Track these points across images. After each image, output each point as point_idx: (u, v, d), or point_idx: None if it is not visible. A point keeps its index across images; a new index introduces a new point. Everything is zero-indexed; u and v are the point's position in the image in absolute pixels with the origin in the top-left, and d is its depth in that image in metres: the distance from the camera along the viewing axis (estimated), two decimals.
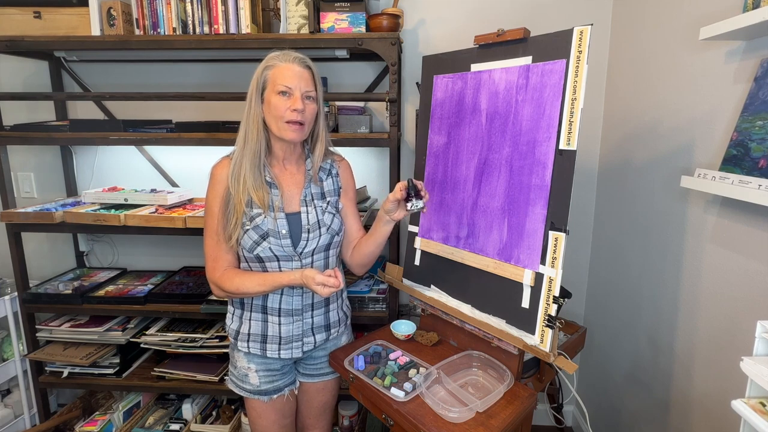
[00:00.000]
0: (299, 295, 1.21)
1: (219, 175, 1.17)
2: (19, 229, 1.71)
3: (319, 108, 1.17)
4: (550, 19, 1.77)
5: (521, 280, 1.15)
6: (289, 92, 1.09)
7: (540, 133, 1.12)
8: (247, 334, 1.23)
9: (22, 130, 1.69)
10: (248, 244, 1.14)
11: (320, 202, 1.22)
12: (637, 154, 1.56)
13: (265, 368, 1.25)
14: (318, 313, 1.26)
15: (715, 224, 1.18)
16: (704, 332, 1.22)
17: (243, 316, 1.24)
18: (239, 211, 1.13)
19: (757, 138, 0.96)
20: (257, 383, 1.25)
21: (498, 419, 1.05)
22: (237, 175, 1.13)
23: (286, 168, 1.21)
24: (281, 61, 1.11)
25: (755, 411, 0.71)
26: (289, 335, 1.22)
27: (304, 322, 1.23)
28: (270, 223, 1.15)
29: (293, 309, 1.22)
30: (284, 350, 1.22)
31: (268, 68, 1.11)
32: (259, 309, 1.22)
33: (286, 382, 1.29)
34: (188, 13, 1.57)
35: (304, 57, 1.13)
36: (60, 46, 1.61)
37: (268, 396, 1.26)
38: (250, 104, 1.12)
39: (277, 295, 1.20)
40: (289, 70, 1.09)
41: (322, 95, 1.17)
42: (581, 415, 1.95)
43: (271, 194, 1.16)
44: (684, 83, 1.31)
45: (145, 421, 1.85)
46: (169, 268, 2.08)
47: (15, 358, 1.85)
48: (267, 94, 1.11)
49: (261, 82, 1.11)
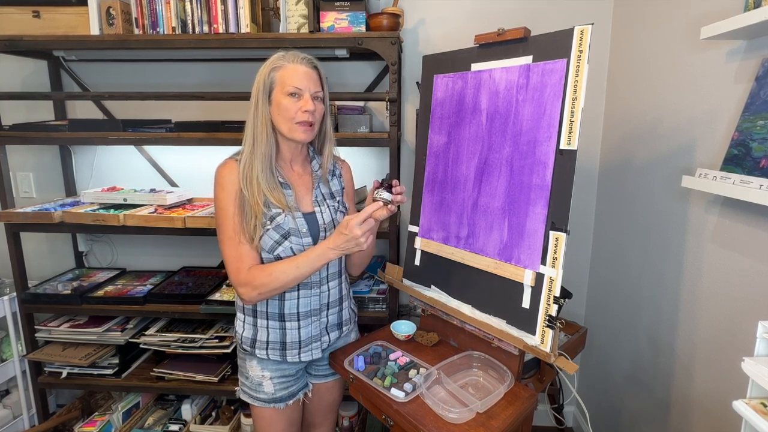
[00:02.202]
0: (317, 295, 1.21)
1: (228, 176, 1.11)
2: (18, 229, 1.71)
3: (326, 108, 1.17)
4: (550, 18, 1.77)
5: (522, 281, 1.14)
6: (298, 93, 1.08)
7: (540, 133, 1.12)
8: (265, 342, 1.20)
9: (21, 130, 1.69)
10: (269, 244, 1.12)
11: (331, 202, 1.23)
12: (638, 153, 1.56)
13: (279, 374, 1.23)
14: (333, 311, 1.27)
15: (715, 224, 1.18)
16: (705, 332, 1.22)
17: (257, 323, 1.20)
18: (258, 212, 1.10)
19: (759, 138, 0.96)
20: (272, 391, 1.23)
21: (498, 420, 1.05)
22: (249, 179, 1.10)
23: (293, 169, 1.21)
24: (289, 62, 1.10)
25: (756, 411, 0.71)
26: (308, 337, 1.22)
27: (321, 322, 1.24)
28: (291, 222, 1.14)
29: (311, 310, 1.21)
30: (304, 353, 1.22)
31: (275, 69, 1.09)
32: (276, 317, 1.19)
33: (300, 386, 1.28)
34: (188, 13, 1.57)
35: (310, 57, 1.13)
36: (59, 46, 1.61)
37: (283, 402, 1.24)
38: (257, 106, 1.10)
39: (294, 300, 1.19)
40: (298, 71, 1.09)
41: (327, 95, 1.17)
42: (582, 416, 1.95)
43: (284, 194, 1.15)
44: (685, 83, 1.31)
45: (144, 422, 1.85)
46: (169, 268, 2.08)
47: (14, 358, 1.84)
48: (275, 96, 1.09)
49: (268, 83, 1.09)
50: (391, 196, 1.09)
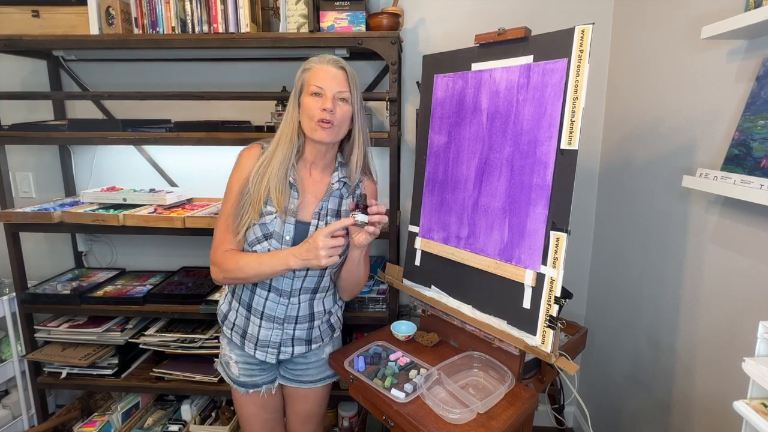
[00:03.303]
0: (284, 305, 1.19)
1: (246, 160, 1.16)
2: (18, 229, 1.70)
3: (354, 110, 1.14)
4: (550, 18, 1.77)
5: (522, 281, 1.14)
6: (321, 92, 1.09)
7: (541, 133, 1.12)
8: (232, 323, 1.24)
9: (20, 130, 1.68)
10: (251, 238, 1.14)
11: (333, 219, 1.19)
12: (639, 153, 1.56)
13: (244, 361, 1.25)
14: (301, 327, 1.22)
15: (716, 224, 1.18)
16: (705, 333, 1.22)
17: (232, 304, 1.25)
18: (256, 209, 1.11)
19: (759, 138, 0.96)
20: (237, 374, 1.26)
21: (499, 420, 1.05)
22: (262, 174, 1.12)
23: (311, 174, 1.19)
24: (317, 63, 1.12)
25: (757, 412, 0.71)
26: (266, 340, 1.21)
27: (284, 332, 1.21)
28: (277, 226, 1.14)
29: (275, 316, 1.20)
30: (259, 351, 1.22)
31: (305, 71, 1.12)
32: (246, 306, 1.22)
33: (265, 380, 1.27)
34: (187, 12, 1.57)
35: (338, 59, 1.13)
36: (58, 45, 1.60)
37: (245, 389, 1.26)
38: (290, 107, 1.14)
39: (263, 299, 1.19)
40: (323, 71, 1.10)
41: (359, 98, 1.14)
42: (582, 416, 1.95)
43: (290, 196, 1.14)
44: (685, 83, 1.30)
45: (144, 422, 1.85)
46: (168, 268, 2.07)
47: (13, 358, 1.84)
48: (303, 97, 1.11)
49: (299, 85, 1.13)
50: (368, 217, 1.07)
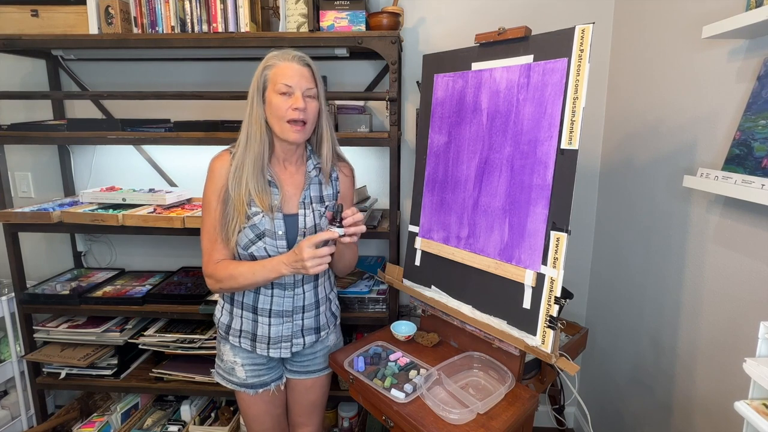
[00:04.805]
0: (290, 297, 1.21)
1: (219, 169, 1.15)
2: (17, 229, 1.70)
3: (320, 106, 1.15)
4: (551, 17, 1.76)
5: (522, 281, 1.14)
6: (289, 91, 1.08)
7: (541, 133, 1.11)
8: (238, 330, 1.23)
9: (19, 130, 1.68)
10: (243, 241, 1.14)
11: (318, 206, 1.21)
12: (639, 153, 1.55)
13: (251, 362, 1.25)
14: (309, 315, 1.25)
15: (717, 224, 1.17)
16: (706, 333, 1.22)
17: (233, 312, 1.24)
18: (241, 212, 1.12)
19: (761, 137, 0.96)
20: (243, 377, 1.25)
21: (499, 421, 1.05)
22: (239, 178, 1.12)
23: (286, 168, 1.20)
24: (280, 60, 1.10)
25: (758, 412, 0.71)
26: (278, 335, 1.22)
27: (294, 324, 1.23)
28: (267, 223, 1.14)
29: (284, 310, 1.21)
30: (273, 350, 1.22)
31: (267, 68, 1.10)
32: (250, 309, 1.22)
33: (273, 377, 1.28)
34: (187, 12, 1.56)
35: (303, 55, 1.12)
36: (57, 45, 1.60)
37: (254, 390, 1.26)
38: (252, 105, 1.11)
39: (268, 297, 1.20)
40: (289, 69, 1.08)
41: (323, 93, 1.16)
42: (583, 417, 1.94)
43: (271, 194, 1.15)
44: (686, 82, 1.30)
45: (143, 423, 1.84)
46: (168, 268, 2.07)
47: (12, 359, 1.83)
48: (268, 95, 1.10)
49: (261, 82, 1.11)
50: (343, 229, 1.07)
